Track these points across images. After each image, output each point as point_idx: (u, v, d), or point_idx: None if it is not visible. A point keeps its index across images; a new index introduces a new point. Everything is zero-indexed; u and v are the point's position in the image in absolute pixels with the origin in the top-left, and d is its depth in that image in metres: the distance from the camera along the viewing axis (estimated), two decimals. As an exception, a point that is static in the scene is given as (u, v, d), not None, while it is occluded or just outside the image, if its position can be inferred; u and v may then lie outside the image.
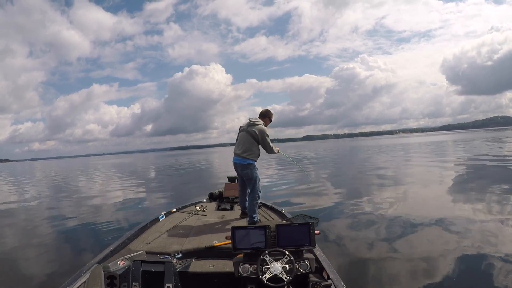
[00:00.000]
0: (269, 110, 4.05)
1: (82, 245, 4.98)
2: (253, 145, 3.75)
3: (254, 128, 3.73)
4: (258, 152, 3.82)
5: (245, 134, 3.79)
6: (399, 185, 8.93)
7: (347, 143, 68.29)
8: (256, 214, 3.70)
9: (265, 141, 3.73)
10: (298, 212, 3.73)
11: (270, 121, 4.04)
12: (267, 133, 3.76)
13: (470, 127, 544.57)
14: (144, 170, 24.73)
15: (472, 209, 5.71)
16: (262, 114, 3.99)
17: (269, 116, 4.00)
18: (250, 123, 3.82)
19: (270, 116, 4.01)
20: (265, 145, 3.76)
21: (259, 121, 3.85)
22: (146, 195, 10.25)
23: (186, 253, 2.72)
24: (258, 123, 3.79)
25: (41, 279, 3.61)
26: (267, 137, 3.74)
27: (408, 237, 4.37)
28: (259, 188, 3.83)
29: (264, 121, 3.92)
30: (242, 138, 3.82)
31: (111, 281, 2.08)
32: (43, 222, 6.90)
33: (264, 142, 3.74)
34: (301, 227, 2.10)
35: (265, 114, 3.98)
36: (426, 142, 43.18)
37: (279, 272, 1.88)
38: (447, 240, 4.13)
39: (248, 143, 3.74)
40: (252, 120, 3.86)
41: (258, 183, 3.80)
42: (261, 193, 3.85)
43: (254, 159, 3.77)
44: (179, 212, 4.28)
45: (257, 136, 3.71)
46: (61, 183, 17.51)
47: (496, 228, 4.53)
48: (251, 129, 3.75)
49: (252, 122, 3.83)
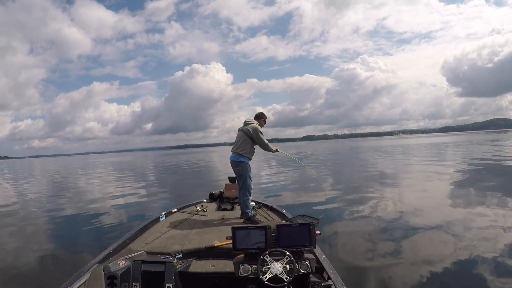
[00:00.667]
0: (263, 112, 4.26)
1: (82, 245, 4.97)
2: (248, 143, 3.94)
3: (248, 127, 3.95)
4: (253, 150, 4.01)
5: (240, 133, 4.01)
6: (399, 187, 8.94)
7: (347, 144, 68.34)
8: (250, 209, 3.83)
9: (258, 137, 3.92)
10: (298, 213, 3.72)
11: (265, 122, 4.23)
12: (260, 131, 3.96)
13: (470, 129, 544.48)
14: (144, 169, 24.73)
15: (471, 211, 5.71)
16: (257, 116, 4.21)
17: (263, 118, 4.21)
18: (245, 123, 4.05)
19: (264, 118, 4.22)
20: (259, 141, 3.94)
21: (254, 121, 4.07)
22: (147, 195, 10.25)
23: (187, 253, 2.72)
24: (252, 123, 4.02)
25: (41, 279, 3.61)
26: (260, 134, 3.93)
27: (408, 238, 4.37)
28: (250, 185, 3.96)
29: (259, 122, 4.12)
30: (238, 137, 4.05)
31: (111, 281, 2.08)
32: (43, 222, 6.90)
33: (257, 138, 3.93)
34: (302, 228, 2.10)
35: (260, 116, 4.21)
36: (426, 143, 43.17)
37: (279, 273, 1.88)
38: (446, 242, 4.14)
39: (243, 141, 3.95)
40: (247, 120, 4.08)
41: (248, 180, 3.94)
42: (252, 190, 3.98)
43: (247, 156, 3.94)
44: (179, 212, 4.28)
45: (250, 133, 3.91)
46: (60, 181, 17.50)
47: (495, 230, 4.52)
48: (245, 128, 3.98)
49: (246, 122, 4.06)
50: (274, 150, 4.13)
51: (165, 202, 8.74)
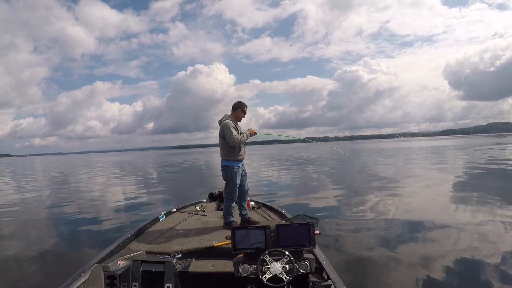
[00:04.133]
0: (242, 101, 3.70)
1: (82, 245, 4.97)
2: (224, 144, 3.54)
3: (221, 127, 3.55)
4: (234, 150, 3.53)
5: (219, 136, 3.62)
6: (399, 188, 8.92)
7: (347, 146, 68.21)
8: (230, 216, 3.55)
9: (225, 134, 3.44)
10: (298, 212, 3.72)
11: (244, 112, 3.69)
12: (231, 125, 3.45)
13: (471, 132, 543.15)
14: (144, 169, 24.70)
15: (472, 214, 5.69)
16: (234, 106, 3.68)
17: (240, 107, 3.66)
18: (219, 123, 3.62)
19: (242, 108, 3.67)
20: (228, 138, 3.43)
21: (225, 116, 3.62)
22: (146, 194, 10.24)
23: (186, 253, 2.72)
24: (222, 120, 3.58)
25: (41, 279, 3.60)
26: (227, 129, 3.43)
27: (408, 239, 4.37)
28: (234, 192, 3.58)
29: (236, 113, 3.65)
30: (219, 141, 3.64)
31: (111, 281, 2.08)
32: (43, 221, 6.90)
33: (225, 135, 3.45)
34: (301, 227, 2.10)
35: (237, 106, 3.66)
36: (427, 146, 43.13)
37: (279, 272, 1.88)
38: (447, 243, 4.12)
39: (221, 144, 3.58)
40: (219, 120, 3.65)
41: (232, 186, 3.57)
42: (235, 198, 3.62)
43: (230, 159, 3.54)
44: (179, 212, 4.28)
45: (222, 133, 3.50)
46: (61, 180, 17.49)
47: (495, 232, 4.51)
48: (220, 129, 3.57)
49: (219, 120, 3.64)
50: (246, 137, 3.55)
51: (164, 202, 8.73)
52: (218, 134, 3.62)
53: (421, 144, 56.52)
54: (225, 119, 3.57)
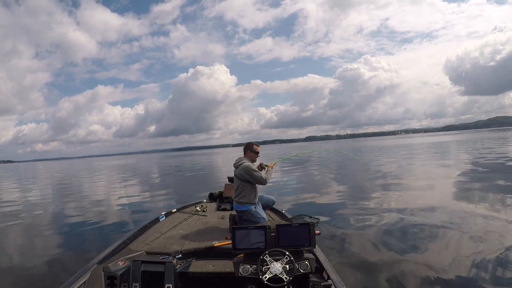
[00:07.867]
0: (250, 142, 3.78)
1: (82, 245, 4.98)
2: (245, 187, 3.53)
3: (239, 170, 3.57)
4: (254, 192, 3.57)
5: (235, 179, 3.64)
6: (400, 186, 8.88)
7: (349, 144, 68.15)
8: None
9: (253, 177, 3.47)
10: (298, 212, 3.71)
11: (254, 152, 3.73)
12: (253, 168, 3.52)
13: (473, 127, 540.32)
14: (145, 171, 24.77)
15: (476, 212, 5.61)
16: (245, 149, 3.78)
17: (250, 148, 3.73)
18: (235, 166, 3.66)
19: (251, 148, 3.73)
20: (256, 180, 3.49)
21: (243, 160, 3.66)
22: (147, 195, 10.26)
23: (186, 253, 2.72)
24: (241, 163, 3.61)
25: (42, 279, 3.62)
26: (253, 171, 3.48)
27: (409, 238, 4.34)
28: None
29: (248, 155, 3.71)
30: (235, 183, 3.66)
31: (111, 281, 2.08)
32: (44, 223, 6.92)
33: (253, 178, 3.48)
34: (301, 227, 2.10)
35: (246, 148, 3.77)
36: (428, 142, 42.97)
37: (279, 272, 1.88)
38: (449, 242, 4.09)
39: (241, 187, 3.56)
40: (236, 163, 3.68)
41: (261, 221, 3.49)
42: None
43: (251, 202, 3.52)
44: (179, 212, 4.28)
45: (244, 177, 3.51)
46: (62, 184, 17.56)
47: (498, 229, 4.47)
48: (237, 172, 3.60)
49: (236, 164, 3.67)
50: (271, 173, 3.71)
51: (165, 202, 8.74)
52: (235, 178, 3.64)
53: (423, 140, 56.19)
54: (243, 162, 3.59)
